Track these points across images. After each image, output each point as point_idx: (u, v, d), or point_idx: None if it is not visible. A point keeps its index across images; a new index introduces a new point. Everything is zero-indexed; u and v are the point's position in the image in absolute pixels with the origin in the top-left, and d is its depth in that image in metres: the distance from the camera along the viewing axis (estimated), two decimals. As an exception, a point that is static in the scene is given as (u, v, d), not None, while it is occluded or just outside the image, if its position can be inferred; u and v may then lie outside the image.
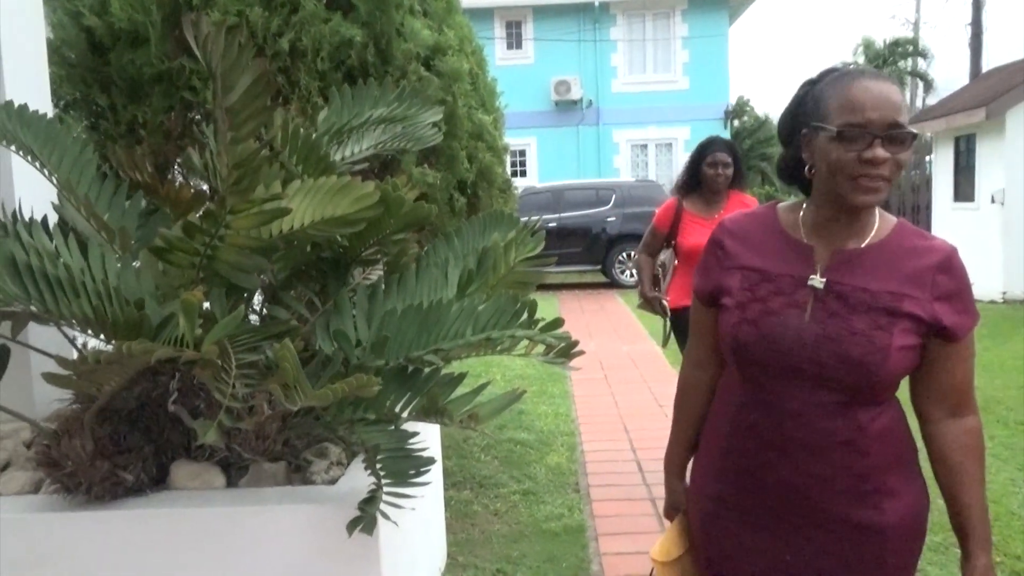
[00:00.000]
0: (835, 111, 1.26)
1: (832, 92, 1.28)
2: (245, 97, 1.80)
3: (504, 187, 3.93)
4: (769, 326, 1.31)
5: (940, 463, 1.35)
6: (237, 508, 1.89)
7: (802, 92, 1.37)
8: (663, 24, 18.17)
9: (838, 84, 1.28)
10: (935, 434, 1.35)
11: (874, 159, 1.22)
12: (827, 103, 1.27)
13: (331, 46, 3.28)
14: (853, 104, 1.24)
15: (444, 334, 1.95)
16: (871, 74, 1.29)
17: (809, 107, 1.32)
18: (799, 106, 1.35)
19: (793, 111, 1.37)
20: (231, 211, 1.81)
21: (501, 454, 4.36)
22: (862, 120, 1.23)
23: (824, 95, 1.29)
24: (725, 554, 1.41)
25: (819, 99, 1.30)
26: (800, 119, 1.34)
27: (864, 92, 1.24)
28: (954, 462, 1.33)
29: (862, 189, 1.25)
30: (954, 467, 1.33)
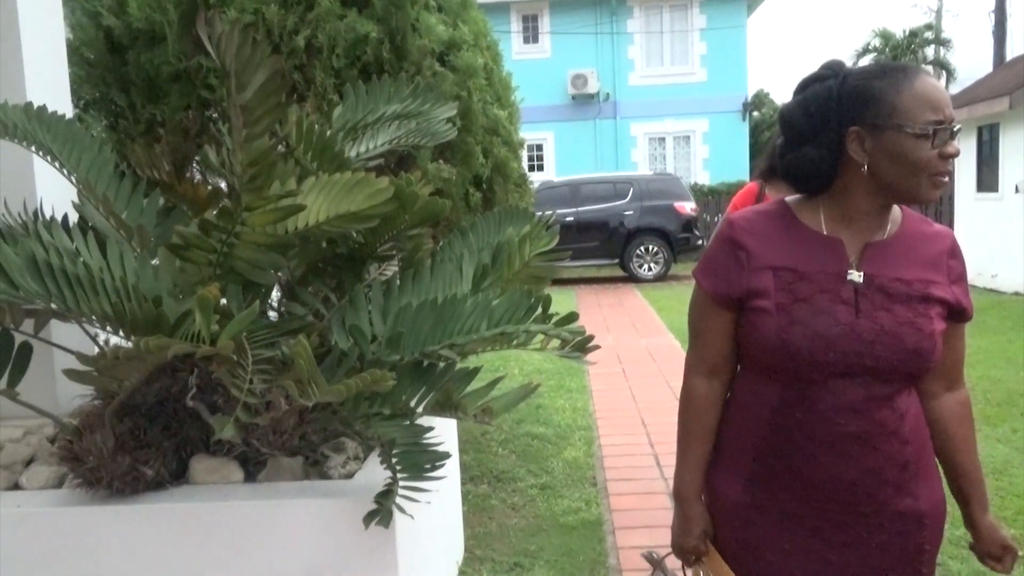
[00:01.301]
0: (914, 109, 1.24)
1: (899, 88, 1.25)
2: (259, 94, 1.81)
3: (520, 182, 3.93)
4: (823, 325, 1.28)
5: (941, 434, 1.41)
6: (255, 502, 1.91)
7: (824, 89, 1.32)
8: (680, 16, 18.05)
9: (902, 80, 1.26)
10: (936, 408, 1.40)
11: (955, 153, 1.26)
12: (894, 100, 1.25)
13: (346, 43, 3.29)
14: (933, 102, 1.24)
15: (459, 329, 1.96)
16: (925, 71, 1.29)
17: (858, 105, 1.28)
18: (833, 104, 1.30)
19: (820, 108, 1.31)
20: (247, 208, 1.82)
21: (518, 448, 4.37)
22: (943, 117, 1.24)
23: (884, 92, 1.26)
24: (766, 562, 1.37)
25: (876, 96, 1.26)
26: (838, 116, 1.29)
27: (936, 90, 1.26)
28: (954, 431, 1.40)
29: (939, 185, 1.27)
30: (954, 436, 1.40)
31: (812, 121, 1.33)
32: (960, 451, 1.40)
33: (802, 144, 1.34)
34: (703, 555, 1.46)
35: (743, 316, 1.36)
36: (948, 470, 1.42)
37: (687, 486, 1.47)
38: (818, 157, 1.32)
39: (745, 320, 1.36)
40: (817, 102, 1.33)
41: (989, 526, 1.42)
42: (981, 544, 1.43)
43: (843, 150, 1.30)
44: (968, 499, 1.42)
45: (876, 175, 1.29)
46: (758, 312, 1.32)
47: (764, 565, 1.37)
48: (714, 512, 1.45)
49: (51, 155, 2.06)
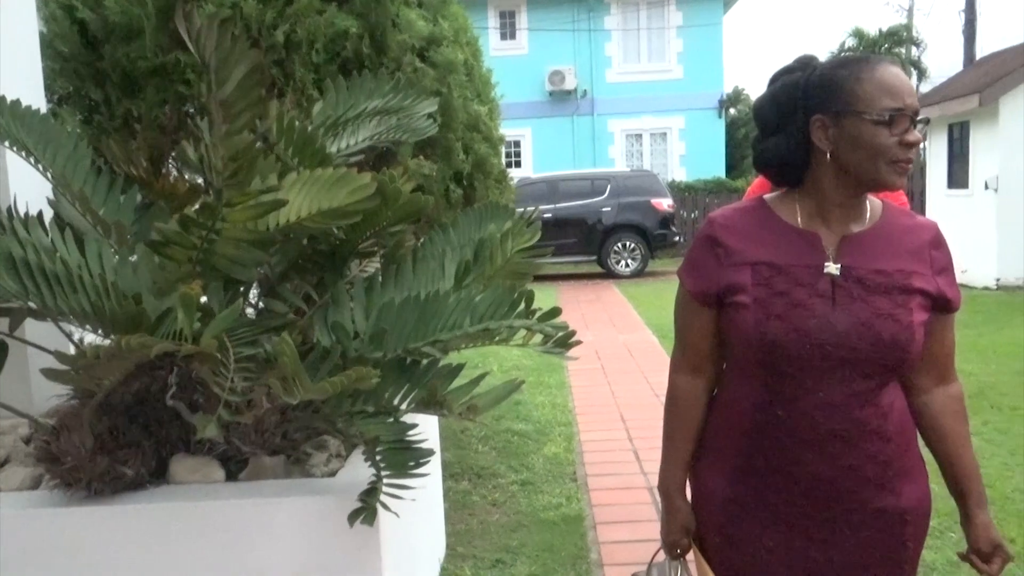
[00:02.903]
0: (873, 96, 1.26)
1: (859, 76, 1.27)
2: (239, 89, 1.79)
3: (500, 178, 3.93)
4: (799, 319, 1.29)
5: (933, 430, 1.40)
6: (237, 501, 1.90)
7: (792, 80, 1.34)
8: (657, 13, 18.12)
9: (864, 70, 1.28)
10: (927, 403, 1.40)
11: (916, 142, 1.27)
12: (857, 89, 1.27)
13: (326, 38, 3.27)
14: (892, 89, 1.26)
15: (442, 325, 1.95)
16: (888, 60, 1.31)
17: (821, 93, 1.29)
18: (800, 93, 1.32)
19: (788, 99, 1.34)
20: (227, 204, 1.80)
21: (499, 444, 4.37)
22: (902, 105, 1.26)
23: (846, 80, 1.28)
24: (748, 557, 1.38)
25: (841, 85, 1.28)
26: (804, 106, 1.31)
27: (896, 78, 1.27)
28: (947, 427, 1.39)
29: (900, 171, 1.28)
30: (947, 432, 1.39)
31: (780, 112, 1.35)
32: (954, 446, 1.39)
33: (771, 135, 1.37)
34: (686, 550, 1.48)
35: (723, 312, 1.37)
36: (943, 465, 1.41)
37: (671, 482, 1.48)
38: (786, 146, 1.34)
39: (725, 316, 1.37)
40: (785, 93, 1.35)
41: (985, 523, 1.40)
42: (973, 540, 1.41)
43: (809, 140, 1.32)
44: (964, 494, 1.41)
45: (839, 162, 1.30)
46: (737, 307, 1.34)
47: (748, 560, 1.38)
48: (699, 507, 1.46)
49: (26, 150, 2.03)
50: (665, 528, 1.50)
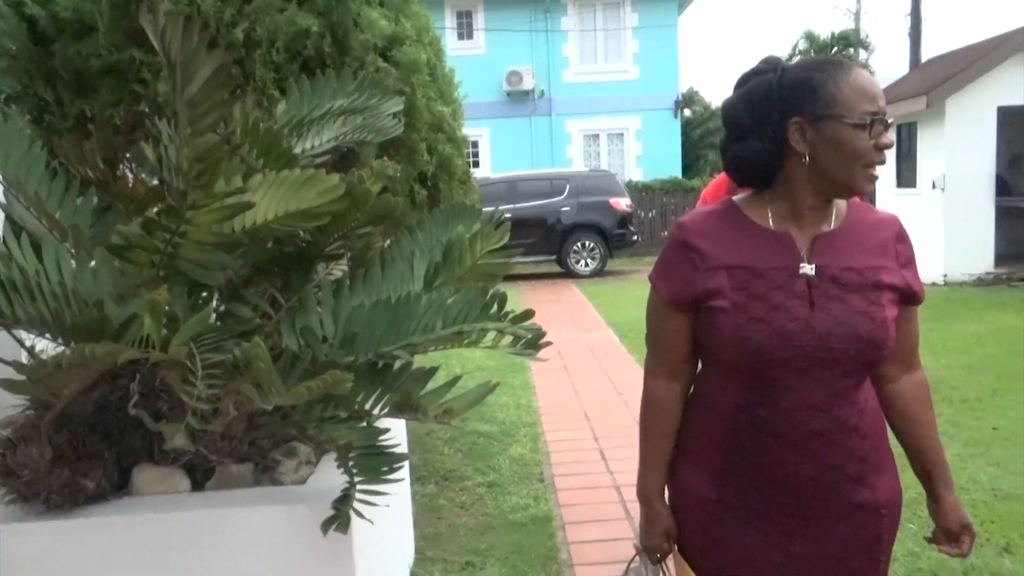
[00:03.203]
0: (852, 100, 1.27)
1: (837, 80, 1.28)
2: (205, 89, 1.75)
3: (464, 178, 3.90)
4: (779, 321, 1.29)
5: (902, 418, 1.44)
6: (204, 511, 1.85)
7: (764, 83, 1.34)
8: (613, 14, 18.26)
9: (839, 73, 1.29)
10: (895, 392, 1.43)
11: (889, 144, 1.29)
12: (833, 91, 1.27)
13: (287, 36, 3.21)
14: (869, 94, 1.28)
15: (414, 328, 1.93)
16: (859, 64, 1.32)
17: (799, 96, 1.30)
18: (774, 96, 1.32)
19: (762, 101, 1.33)
20: (192, 206, 1.76)
21: (464, 447, 4.35)
22: (877, 109, 1.28)
23: (824, 83, 1.28)
24: (730, 557, 1.39)
25: (816, 88, 1.28)
26: (780, 108, 1.31)
27: (871, 83, 1.29)
28: (914, 414, 1.43)
29: (871, 177, 1.30)
30: (915, 418, 1.43)
31: (754, 114, 1.34)
32: (921, 431, 1.43)
33: (744, 137, 1.36)
34: (666, 554, 1.48)
35: (700, 317, 1.37)
36: (911, 450, 1.45)
37: (650, 487, 1.48)
38: (761, 149, 1.34)
39: (703, 320, 1.36)
40: (759, 95, 1.34)
41: (953, 504, 1.45)
42: (943, 521, 1.45)
43: (784, 142, 1.32)
44: (932, 477, 1.44)
45: (816, 165, 1.30)
46: (715, 312, 1.33)
47: (730, 559, 1.39)
48: (681, 508, 1.46)
49: (-24, 152, 1.95)
50: (646, 534, 1.49)
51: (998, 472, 3.67)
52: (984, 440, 4.14)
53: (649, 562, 1.53)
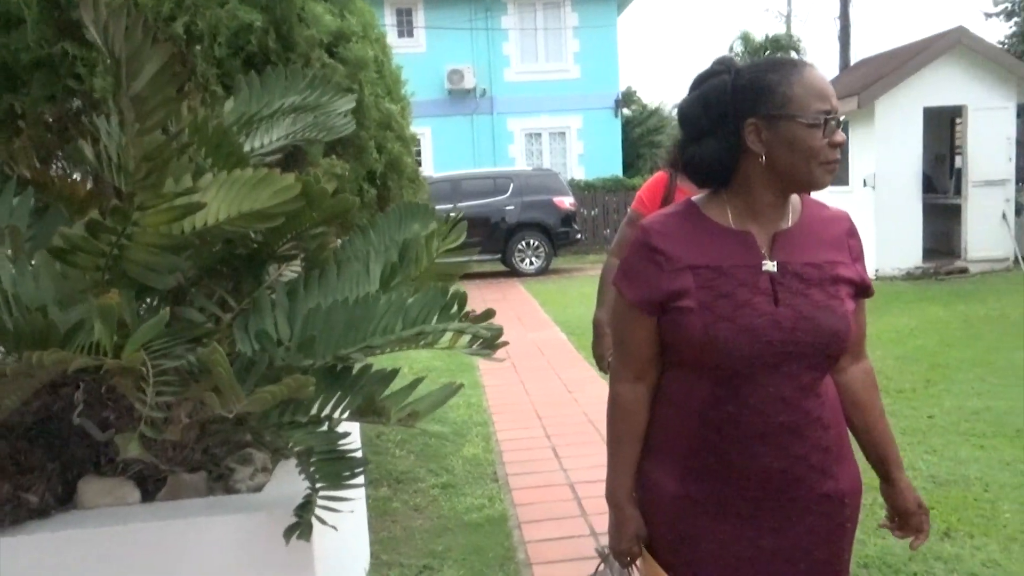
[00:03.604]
0: (805, 100, 1.29)
1: (790, 80, 1.30)
2: (152, 85, 1.68)
3: (413, 177, 3.86)
4: (746, 318, 1.31)
5: (853, 406, 1.47)
6: (156, 523, 1.78)
7: (720, 84, 1.35)
8: (553, 14, 18.34)
9: (792, 73, 1.31)
10: (846, 381, 1.47)
11: (842, 142, 1.31)
12: (787, 91, 1.29)
13: (229, 31, 3.12)
14: (821, 93, 1.30)
15: (373, 330, 1.89)
16: (810, 64, 1.34)
17: (753, 97, 1.31)
18: (729, 97, 1.33)
19: (718, 102, 1.34)
20: (140, 207, 1.69)
21: (416, 448, 4.31)
22: (830, 107, 1.30)
23: (778, 84, 1.30)
24: (700, 553, 1.39)
25: (770, 88, 1.30)
26: (735, 109, 1.33)
27: (823, 82, 1.31)
28: (864, 400, 1.47)
29: (830, 171, 1.32)
30: (865, 404, 1.47)
31: (711, 115, 1.36)
32: (872, 416, 1.47)
33: (702, 138, 1.37)
34: (637, 557, 1.48)
35: (667, 318, 1.37)
36: (862, 435, 1.48)
37: (619, 490, 1.47)
38: (719, 149, 1.35)
39: (670, 321, 1.36)
40: (715, 96, 1.36)
41: (907, 484, 1.49)
42: (901, 502, 1.48)
43: (741, 142, 1.34)
44: (884, 459, 1.49)
45: (773, 164, 1.32)
46: (683, 312, 1.33)
47: (701, 555, 1.39)
48: (650, 508, 1.45)
49: (-99, 150, 1.83)
50: (616, 538, 1.48)
51: (935, 459, 3.81)
52: (920, 429, 4.30)
53: (616, 567, 1.53)
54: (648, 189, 2.56)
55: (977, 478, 3.54)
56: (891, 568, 2.76)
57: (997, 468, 3.65)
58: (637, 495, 1.47)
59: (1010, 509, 3.20)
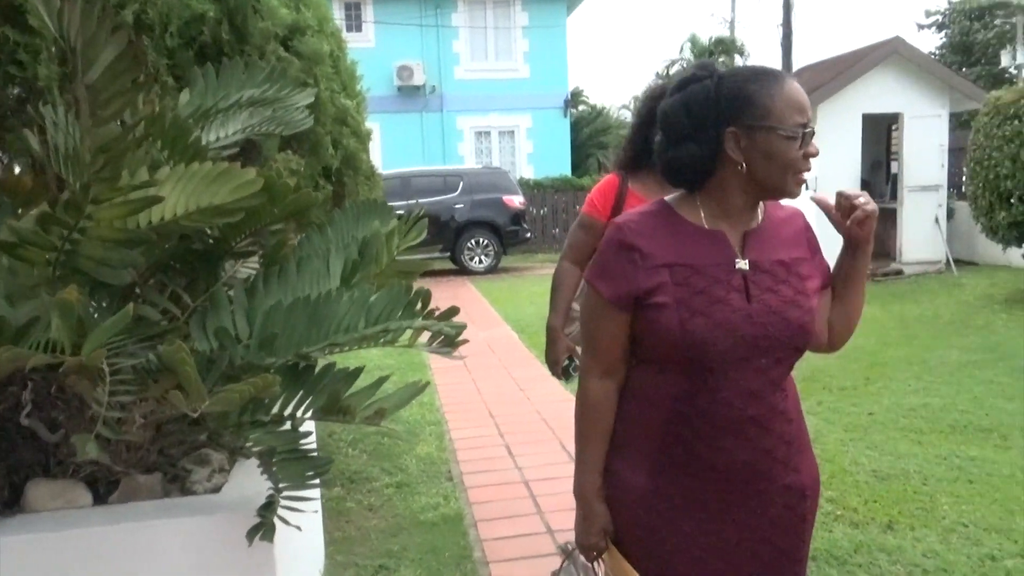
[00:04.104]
0: (784, 112, 1.32)
1: (771, 93, 1.33)
2: (107, 74, 1.63)
3: (369, 174, 3.82)
4: (721, 314, 1.34)
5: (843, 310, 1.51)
6: (110, 527, 1.72)
7: (703, 89, 1.38)
8: (503, 13, 18.36)
9: (773, 85, 1.34)
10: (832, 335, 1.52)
11: (815, 154, 1.36)
12: (767, 104, 1.33)
13: (180, 20, 3.05)
14: (798, 105, 1.34)
15: (336, 327, 1.87)
16: (791, 76, 1.38)
17: (735, 106, 1.34)
18: (712, 104, 1.36)
19: (701, 108, 1.37)
20: (94, 200, 1.64)
21: (369, 447, 4.27)
22: (806, 120, 1.34)
23: (758, 95, 1.33)
24: (667, 546, 1.42)
25: (751, 99, 1.33)
26: (716, 117, 1.36)
27: (801, 95, 1.35)
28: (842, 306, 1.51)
29: (800, 182, 1.37)
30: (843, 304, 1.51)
31: (692, 120, 1.38)
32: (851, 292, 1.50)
33: (682, 141, 1.40)
34: (603, 551, 1.50)
35: (641, 314, 1.39)
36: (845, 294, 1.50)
37: (587, 486, 1.49)
38: (698, 154, 1.38)
39: (644, 317, 1.39)
40: (697, 102, 1.38)
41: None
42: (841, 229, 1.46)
43: (721, 148, 1.37)
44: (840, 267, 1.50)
45: (750, 172, 1.37)
46: (658, 308, 1.36)
47: (668, 548, 1.42)
48: (618, 503, 1.47)
49: None
50: (583, 532, 1.50)
51: (876, 455, 3.94)
52: (862, 425, 4.44)
53: (580, 562, 1.54)
54: (599, 192, 2.52)
55: (916, 472, 3.67)
56: (837, 560, 2.84)
57: (934, 462, 3.80)
58: (605, 491, 1.49)
59: (947, 501, 3.33)
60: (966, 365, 5.69)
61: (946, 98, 10.51)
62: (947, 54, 25.78)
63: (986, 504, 3.29)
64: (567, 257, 2.56)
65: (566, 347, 2.57)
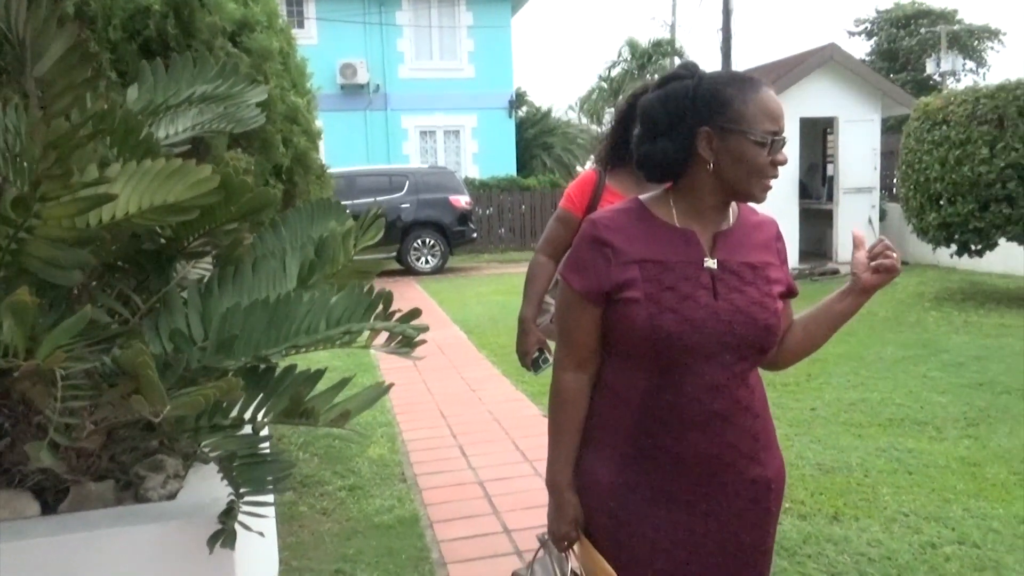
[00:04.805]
0: (756, 118, 1.36)
1: (746, 98, 1.36)
2: (58, 67, 1.58)
3: (320, 173, 3.77)
4: (689, 310, 1.38)
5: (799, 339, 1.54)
6: (60, 537, 1.66)
7: (682, 87, 1.41)
8: (448, 12, 18.31)
9: (749, 91, 1.37)
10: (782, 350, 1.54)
11: (784, 161, 1.39)
12: (741, 108, 1.36)
13: (124, 13, 2.95)
14: (771, 114, 1.37)
15: (297, 329, 1.84)
16: (767, 83, 1.41)
17: (710, 107, 1.37)
18: (689, 103, 1.39)
19: (678, 106, 1.40)
20: (42, 198, 1.57)
21: (320, 450, 4.20)
22: (778, 128, 1.38)
23: (734, 99, 1.36)
24: (637, 538, 1.44)
25: (727, 102, 1.36)
26: (692, 115, 1.38)
27: (775, 103, 1.38)
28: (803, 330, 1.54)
29: (766, 188, 1.41)
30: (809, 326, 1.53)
31: (669, 116, 1.42)
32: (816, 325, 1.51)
33: (658, 136, 1.43)
34: (575, 542, 1.51)
35: (612, 309, 1.42)
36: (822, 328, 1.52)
37: (559, 476, 1.51)
38: (672, 150, 1.42)
39: (615, 312, 1.42)
40: (675, 99, 1.42)
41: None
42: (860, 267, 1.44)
43: (693, 147, 1.40)
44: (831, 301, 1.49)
45: (719, 173, 1.40)
46: (628, 303, 1.39)
47: (637, 540, 1.45)
48: (589, 495, 1.49)
49: None
50: (555, 522, 1.52)
51: (820, 448, 4.06)
52: (805, 420, 4.56)
53: (555, 552, 1.56)
54: (577, 187, 2.54)
55: (858, 464, 3.80)
56: (787, 551, 2.92)
57: (874, 455, 3.93)
58: (577, 483, 1.51)
59: (888, 492, 3.45)
60: (901, 361, 5.91)
61: (878, 103, 10.90)
62: (876, 60, 26.76)
63: (924, 494, 3.42)
64: (542, 250, 2.57)
65: (537, 339, 2.58)
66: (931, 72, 25.25)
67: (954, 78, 25.78)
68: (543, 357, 2.59)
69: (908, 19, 27.14)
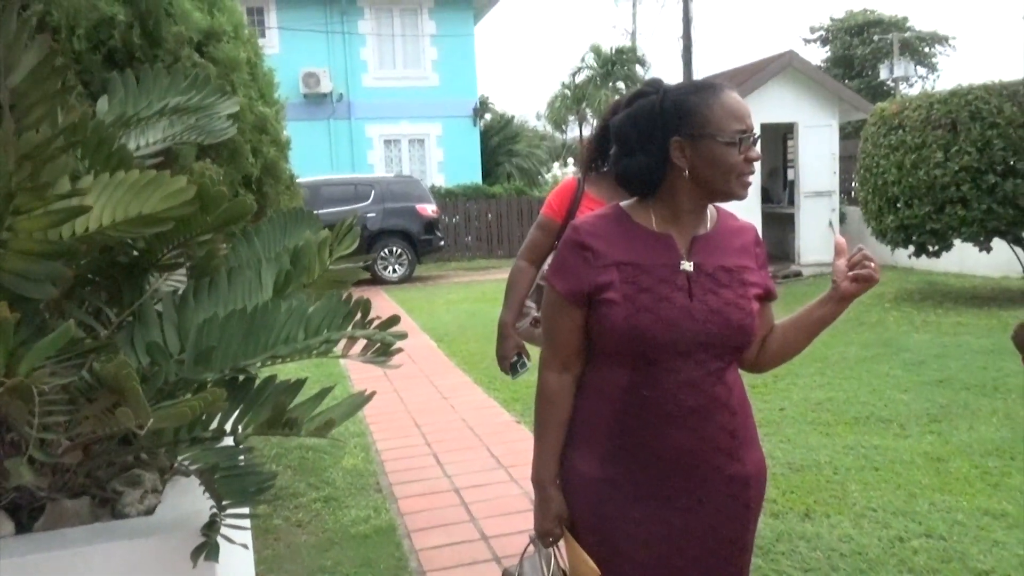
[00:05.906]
0: (722, 120, 1.41)
1: (710, 103, 1.42)
2: (32, 78, 1.56)
3: (289, 183, 3.75)
4: (664, 310, 1.43)
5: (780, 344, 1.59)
6: (36, 556, 1.62)
7: (648, 104, 1.47)
8: (411, 21, 18.31)
9: (711, 96, 1.43)
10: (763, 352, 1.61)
11: (757, 157, 1.45)
12: (707, 113, 1.41)
13: (89, 23, 2.92)
14: (736, 113, 1.43)
15: (275, 339, 1.83)
16: (729, 86, 1.46)
17: (678, 118, 1.43)
18: (657, 117, 1.45)
19: (647, 122, 1.46)
20: (16, 211, 1.55)
21: (293, 462, 4.17)
22: (745, 127, 1.43)
23: (698, 106, 1.42)
24: (619, 533, 1.48)
25: (692, 110, 1.42)
26: (662, 129, 1.44)
27: (739, 103, 1.44)
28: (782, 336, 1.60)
29: (745, 184, 1.46)
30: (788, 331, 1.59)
31: (640, 133, 1.48)
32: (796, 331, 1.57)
33: (632, 152, 1.49)
34: (558, 538, 1.54)
35: (593, 310, 1.47)
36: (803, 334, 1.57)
37: (544, 473, 1.55)
38: (647, 164, 1.48)
39: (596, 313, 1.46)
40: (643, 115, 1.48)
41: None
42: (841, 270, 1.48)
43: (668, 157, 1.46)
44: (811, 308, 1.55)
45: (696, 178, 1.46)
46: (608, 304, 1.44)
47: (619, 535, 1.49)
48: (572, 491, 1.54)
49: None
50: (540, 519, 1.56)
51: (790, 447, 4.13)
52: (775, 420, 4.65)
53: (542, 548, 1.58)
54: (557, 195, 2.56)
55: (827, 462, 3.88)
56: (761, 549, 2.97)
57: (842, 453, 4.02)
58: (561, 480, 1.55)
59: (857, 489, 3.53)
60: (864, 360, 6.05)
61: (836, 109, 11.15)
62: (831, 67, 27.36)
63: (891, 489, 3.51)
64: (523, 256, 2.58)
65: (515, 344, 2.60)
66: (885, 78, 25.90)
67: (907, 83, 26.48)
68: (521, 362, 2.62)
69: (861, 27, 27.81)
